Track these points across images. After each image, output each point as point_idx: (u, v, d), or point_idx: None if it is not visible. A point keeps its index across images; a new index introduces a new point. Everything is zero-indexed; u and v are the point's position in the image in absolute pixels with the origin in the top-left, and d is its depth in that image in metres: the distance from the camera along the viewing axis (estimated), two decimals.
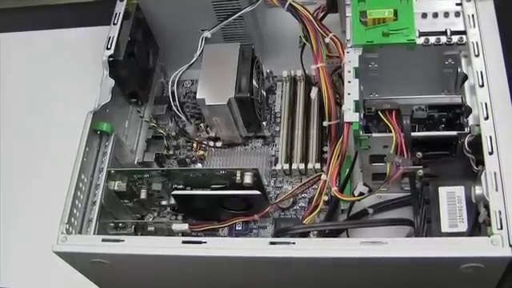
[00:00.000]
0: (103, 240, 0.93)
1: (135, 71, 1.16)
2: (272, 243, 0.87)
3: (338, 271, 0.90)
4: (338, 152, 1.00)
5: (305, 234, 1.01)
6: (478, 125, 0.91)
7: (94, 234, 1.01)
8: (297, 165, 1.14)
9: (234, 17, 1.15)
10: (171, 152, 1.22)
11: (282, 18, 1.23)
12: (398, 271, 0.88)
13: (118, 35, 1.11)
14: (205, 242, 0.89)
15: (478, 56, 0.96)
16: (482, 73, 0.94)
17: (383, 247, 0.83)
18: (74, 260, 0.96)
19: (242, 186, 1.03)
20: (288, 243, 0.87)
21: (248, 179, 1.03)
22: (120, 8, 1.14)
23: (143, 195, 1.10)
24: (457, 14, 1.00)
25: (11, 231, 1.26)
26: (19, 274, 1.22)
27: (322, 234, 1.02)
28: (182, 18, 1.21)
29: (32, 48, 1.47)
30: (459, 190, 0.90)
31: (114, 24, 1.13)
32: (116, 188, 1.08)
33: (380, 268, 0.87)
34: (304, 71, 1.20)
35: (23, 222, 1.26)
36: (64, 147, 1.09)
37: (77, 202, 1.00)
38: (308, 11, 1.08)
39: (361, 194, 1.00)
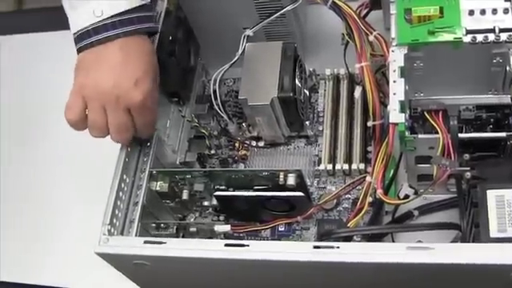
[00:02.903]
0: (145, 242, 0.92)
1: (176, 70, 1.15)
2: (316, 247, 0.86)
3: (383, 276, 0.89)
4: (382, 153, 0.99)
5: (349, 238, 0.99)
6: None
7: (135, 234, 1.01)
8: (340, 165, 1.13)
9: (276, 15, 1.13)
10: (213, 152, 1.22)
11: (324, 16, 1.21)
12: (444, 277, 0.86)
13: (159, 34, 1.10)
14: (247, 245, 0.88)
15: None
16: None
17: (430, 253, 0.81)
18: (116, 261, 0.96)
19: (284, 188, 1.02)
20: (332, 247, 0.85)
21: (291, 180, 1.01)
22: (161, 7, 1.13)
23: (185, 196, 1.10)
24: (505, 11, 0.97)
25: (55, 231, 1.26)
26: (62, 273, 1.24)
27: (366, 236, 1.01)
28: (223, 16, 1.20)
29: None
30: (508, 194, 0.88)
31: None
32: (158, 188, 1.07)
33: (426, 273, 0.85)
34: (347, 69, 1.19)
35: (66, 222, 1.27)
36: (104, 147, 1.09)
37: (119, 202, 0.99)
38: (351, 8, 1.06)
39: (406, 196, 0.98)
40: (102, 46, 0.95)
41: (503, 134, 0.92)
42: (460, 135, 0.92)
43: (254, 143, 1.22)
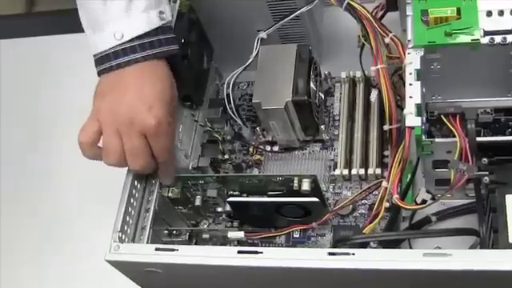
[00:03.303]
0: (157, 249, 0.92)
1: (189, 74, 1.14)
2: (331, 254, 0.86)
3: (399, 283, 0.88)
4: (399, 157, 0.98)
5: (365, 244, 0.99)
6: None
7: (147, 241, 1.01)
8: (356, 170, 1.13)
9: (290, 17, 1.13)
10: (227, 156, 1.21)
11: (340, 18, 1.23)
12: (463, 284, 0.85)
13: None
14: (261, 252, 0.88)
15: None
16: None
17: (448, 259, 0.81)
18: (127, 269, 0.96)
19: (299, 193, 1.02)
20: (347, 254, 0.85)
21: (306, 186, 1.01)
22: (173, 9, 1.13)
23: (198, 202, 1.10)
24: None
25: (64, 238, 1.28)
26: (72, 280, 1.24)
27: (383, 243, 1.00)
28: (237, 18, 1.20)
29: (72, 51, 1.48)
30: None
31: None
32: (170, 194, 1.08)
33: (444, 280, 0.85)
34: (363, 72, 1.19)
35: (75, 229, 1.29)
36: None
37: (130, 209, 0.99)
38: (367, 10, 1.06)
39: (423, 201, 0.98)
40: (121, 70, 0.96)
41: None
42: (478, 139, 0.92)
43: (268, 148, 1.21)
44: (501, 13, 0.97)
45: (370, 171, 1.12)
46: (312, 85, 1.13)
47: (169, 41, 0.99)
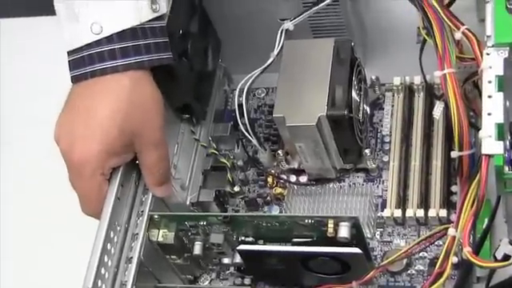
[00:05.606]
0: None
1: (188, 76, 1.14)
2: None
3: None
4: (472, 195, 0.97)
5: None
6: None
7: None
8: (413, 211, 1.12)
9: (325, 2, 1.13)
10: (237, 189, 1.22)
11: (393, 4, 1.22)
12: None
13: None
14: None
15: None
16: None
17: None
18: None
19: (335, 241, 1.01)
20: None
21: (344, 232, 1.00)
22: None
23: (197, 250, 1.10)
24: None
25: None
26: None
27: None
28: (253, 3, 1.21)
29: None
30: None
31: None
32: (160, 239, 1.07)
33: None
34: (424, 78, 1.18)
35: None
36: None
37: (106, 258, 0.98)
38: None
39: (506, 256, 0.96)
40: (95, 80, 0.96)
41: None
42: None
43: (293, 178, 1.21)
44: None
45: (432, 213, 1.11)
46: (354, 94, 1.12)
47: (160, 47, 0.99)
